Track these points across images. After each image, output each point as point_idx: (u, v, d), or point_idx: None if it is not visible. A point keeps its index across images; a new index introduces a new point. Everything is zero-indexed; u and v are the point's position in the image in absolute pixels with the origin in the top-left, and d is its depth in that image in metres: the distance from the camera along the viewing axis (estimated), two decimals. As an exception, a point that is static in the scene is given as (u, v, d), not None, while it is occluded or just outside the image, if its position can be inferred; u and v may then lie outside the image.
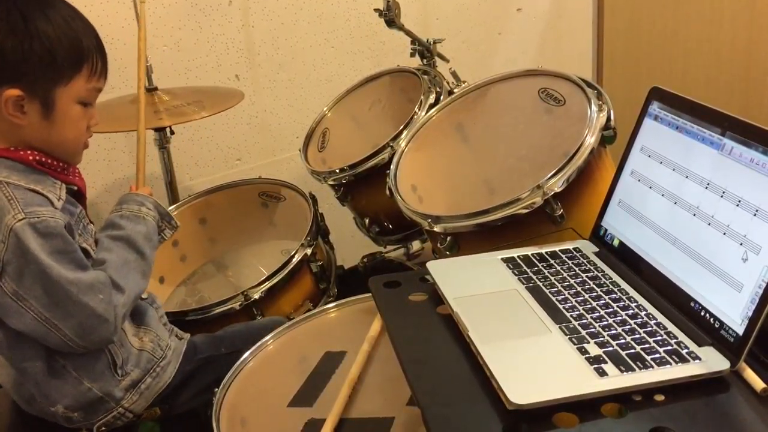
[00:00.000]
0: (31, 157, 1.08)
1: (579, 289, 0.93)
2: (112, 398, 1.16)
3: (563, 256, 1.02)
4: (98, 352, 1.14)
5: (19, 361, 1.10)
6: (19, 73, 1.03)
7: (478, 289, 0.94)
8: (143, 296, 1.24)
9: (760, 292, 0.75)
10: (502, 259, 1.02)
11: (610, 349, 0.80)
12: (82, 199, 1.18)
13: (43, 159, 1.09)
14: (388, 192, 1.35)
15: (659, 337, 0.81)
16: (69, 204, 1.11)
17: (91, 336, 1.07)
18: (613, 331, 0.83)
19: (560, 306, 0.89)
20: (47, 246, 1.03)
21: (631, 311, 0.87)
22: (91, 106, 1.13)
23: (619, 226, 1.01)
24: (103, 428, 1.17)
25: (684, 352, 0.78)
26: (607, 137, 1.19)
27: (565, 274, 0.96)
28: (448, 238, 1.21)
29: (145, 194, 1.26)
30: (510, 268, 0.99)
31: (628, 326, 0.84)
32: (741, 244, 0.79)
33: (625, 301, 0.89)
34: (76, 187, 1.15)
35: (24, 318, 1.04)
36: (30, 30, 1.02)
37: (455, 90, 1.52)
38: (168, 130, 1.67)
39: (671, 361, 0.77)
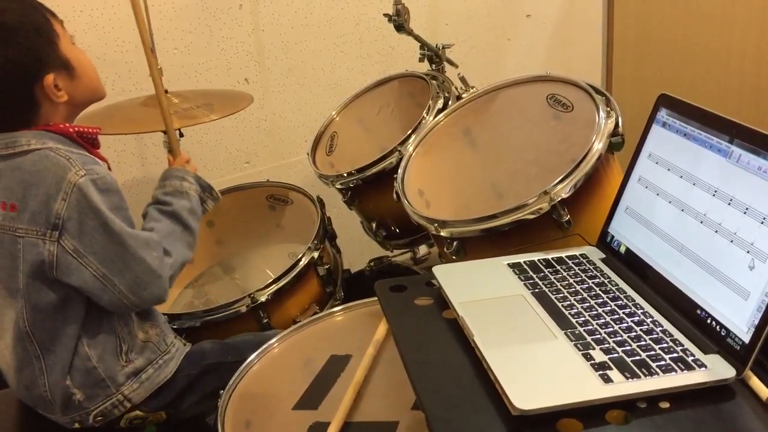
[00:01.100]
0: (71, 130, 1.14)
1: (585, 295, 0.92)
2: (114, 382, 1.18)
3: (570, 262, 1.01)
4: (109, 336, 1.17)
5: (61, 323, 1.13)
6: (36, 65, 1.09)
7: (484, 294, 0.94)
8: None
9: (767, 300, 0.75)
10: (508, 264, 1.02)
11: (616, 355, 0.79)
12: None
13: (81, 130, 1.16)
14: (395, 196, 1.35)
15: (665, 345, 0.81)
16: None
17: (144, 292, 1.12)
18: (619, 338, 0.83)
19: (566, 312, 0.89)
20: (107, 201, 1.09)
21: (637, 318, 0.87)
22: None
23: (626, 232, 1.01)
24: (99, 418, 1.18)
25: (690, 359, 0.78)
26: (614, 143, 1.18)
27: (571, 280, 0.96)
28: (455, 243, 1.21)
29: (184, 167, 1.32)
30: (516, 274, 0.99)
31: (634, 333, 0.83)
32: (748, 251, 0.79)
33: (631, 308, 0.89)
34: (105, 164, 1.20)
35: (83, 274, 1.09)
36: (12, 29, 1.07)
37: (463, 95, 1.52)
38: (177, 132, 1.68)
39: (677, 368, 0.77)
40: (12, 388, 1.21)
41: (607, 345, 0.81)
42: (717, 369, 0.76)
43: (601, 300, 0.91)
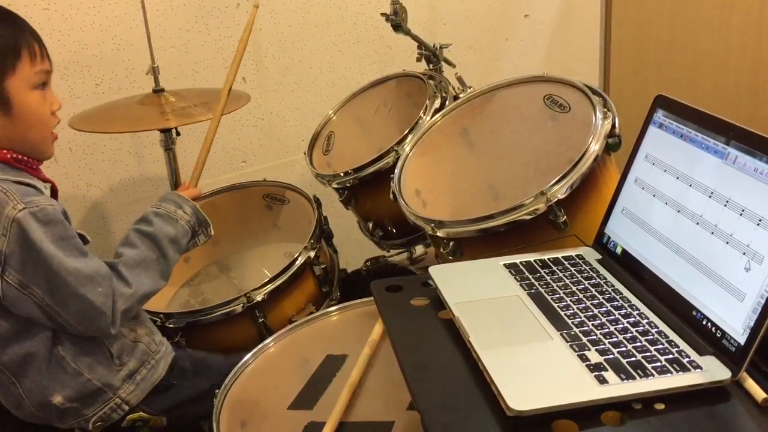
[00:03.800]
0: (9, 156, 1.10)
1: (581, 296, 0.92)
2: (111, 388, 1.17)
3: (566, 262, 1.01)
4: (95, 345, 1.16)
5: (26, 348, 1.11)
6: None
7: (480, 295, 0.94)
8: None
9: (762, 301, 0.75)
10: (504, 264, 1.02)
11: (611, 356, 0.79)
12: (56, 197, 1.19)
13: (19, 157, 1.11)
14: (392, 196, 1.35)
15: (660, 346, 0.81)
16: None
17: (90, 325, 1.10)
18: (614, 339, 0.83)
19: (562, 313, 0.89)
20: (49, 234, 1.06)
21: (633, 319, 0.87)
22: (47, 89, 1.13)
23: (622, 233, 1.01)
24: (99, 423, 1.18)
25: (685, 360, 0.78)
26: (611, 144, 1.19)
27: (567, 281, 0.96)
28: (451, 243, 1.21)
29: (187, 197, 1.30)
30: (512, 274, 0.99)
31: (630, 334, 0.83)
32: (744, 253, 0.79)
33: (626, 309, 0.89)
34: (49, 185, 1.17)
35: (27, 304, 1.07)
36: None
37: (461, 95, 1.52)
38: (174, 131, 1.68)
39: (672, 369, 0.77)
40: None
41: (602, 346, 0.81)
42: (712, 371, 0.77)
43: (597, 301, 0.91)
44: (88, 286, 1.07)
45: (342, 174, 1.52)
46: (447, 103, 1.52)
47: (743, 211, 0.80)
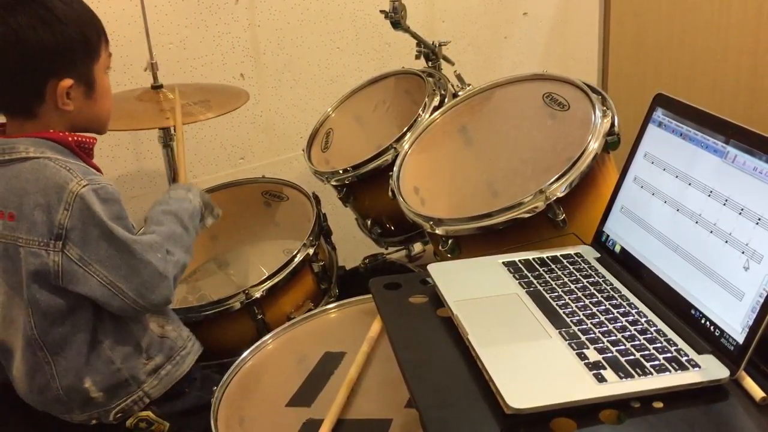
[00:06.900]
0: (71, 139, 1.13)
1: (580, 294, 0.93)
2: (136, 381, 1.18)
3: (564, 261, 1.01)
4: (129, 336, 1.17)
5: (70, 328, 1.12)
6: (67, 63, 1.08)
7: (479, 293, 0.95)
8: None
9: (761, 300, 0.75)
10: (503, 262, 1.02)
11: (610, 355, 0.79)
12: None
13: (80, 139, 1.14)
14: (390, 193, 1.35)
15: (659, 344, 0.81)
16: None
17: (152, 295, 1.11)
18: (613, 337, 0.83)
19: (560, 311, 0.89)
20: (108, 211, 1.09)
21: (632, 317, 0.87)
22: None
23: (621, 232, 1.01)
24: (119, 415, 1.18)
25: (683, 359, 0.78)
26: (610, 143, 1.19)
27: (566, 279, 0.96)
28: (450, 241, 1.21)
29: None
30: (511, 272, 0.99)
31: (628, 332, 0.84)
32: (743, 252, 0.79)
33: (625, 308, 0.89)
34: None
35: (90, 283, 1.09)
36: (59, 18, 1.07)
37: (460, 93, 1.51)
38: (172, 128, 1.67)
39: (670, 368, 0.77)
40: (21, 393, 1.19)
41: (601, 344, 0.81)
42: (711, 369, 0.77)
43: (596, 299, 0.91)
44: (150, 252, 1.11)
45: (340, 171, 1.51)
46: (446, 100, 1.51)
47: (742, 209, 0.81)
